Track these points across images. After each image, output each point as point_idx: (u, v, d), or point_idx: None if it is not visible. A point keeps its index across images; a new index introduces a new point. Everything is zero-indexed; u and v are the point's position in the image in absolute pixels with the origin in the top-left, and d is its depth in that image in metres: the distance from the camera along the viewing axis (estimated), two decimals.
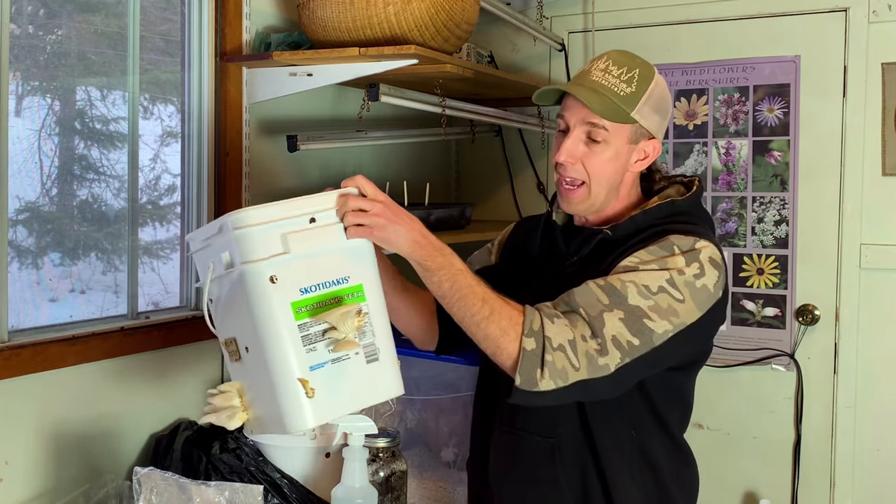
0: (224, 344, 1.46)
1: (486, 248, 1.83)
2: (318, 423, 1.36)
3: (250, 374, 1.40)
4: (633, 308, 1.39)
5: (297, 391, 1.32)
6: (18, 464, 1.62)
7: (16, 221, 1.70)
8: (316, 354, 1.34)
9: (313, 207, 1.37)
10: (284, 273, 1.31)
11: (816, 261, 2.69)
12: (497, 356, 1.40)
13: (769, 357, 2.75)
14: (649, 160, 1.59)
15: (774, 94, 2.74)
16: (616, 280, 1.41)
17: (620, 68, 1.52)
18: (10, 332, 1.63)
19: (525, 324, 1.37)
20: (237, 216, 1.32)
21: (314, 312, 1.34)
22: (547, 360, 1.35)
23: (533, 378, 1.36)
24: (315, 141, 2.20)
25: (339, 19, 1.93)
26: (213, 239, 1.38)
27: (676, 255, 1.45)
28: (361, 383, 1.39)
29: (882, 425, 2.61)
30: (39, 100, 1.77)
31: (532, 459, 1.57)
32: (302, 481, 1.66)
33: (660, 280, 1.41)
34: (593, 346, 1.38)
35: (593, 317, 1.39)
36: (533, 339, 1.36)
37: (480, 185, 3.18)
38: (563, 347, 1.36)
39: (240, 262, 1.32)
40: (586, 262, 1.56)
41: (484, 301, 1.39)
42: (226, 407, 1.41)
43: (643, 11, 2.89)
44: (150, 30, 1.98)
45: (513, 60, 3.09)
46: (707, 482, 1.72)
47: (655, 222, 1.53)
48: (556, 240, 1.65)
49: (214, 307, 1.44)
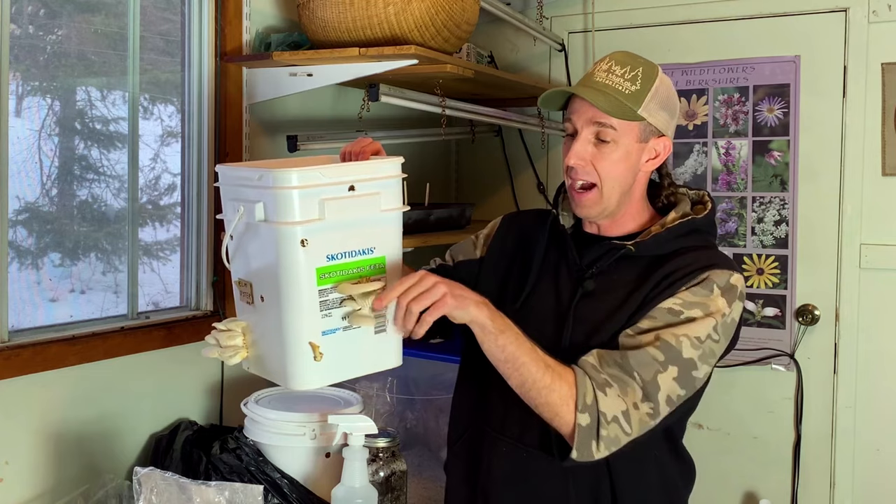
0: (237, 283, 1.48)
1: (469, 241, 1.79)
2: (320, 385, 1.41)
3: (261, 321, 1.43)
4: (685, 361, 1.42)
5: (307, 353, 1.36)
6: (18, 464, 1.62)
7: (16, 221, 1.70)
8: (330, 321, 1.37)
9: (355, 175, 1.38)
10: (315, 238, 1.33)
11: (816, 261, 2.69)
12: (553, 422, 1.41)
13: (769, 357, 2.75)
14: (661, 159, 1.57)
15: (774, 94, 2.74)
16: (670, 336, 1.42)
17: (623, 67, 1.52)
18: (10, 332, 1.63)
19: (578, 397, 1.37)
20: (281, 175, 1.32)
21: (336, 280, 1.37)
22: (602, 434, 1.37)
23: (589, 451, 1.38)
24: (315, 141, 2.20)
25: (339, 19, 1.93)
26: (248, 185, 1.39)
27: (717, 297, 1.46)
28: (366, 352, 1.42)
29: (882, 425, 2.61)
30: (39, 100, 1.77)
31: (541, 476, 1.53)
32: (302, 481, 1.66)
33: (708, 329, 1.44)
34: (646, 411, 1.40)
35: (648, 381, 1.39)
36: (587, 415, 1.37)
37: (480, 185, 3.18)
38: (616, 419, 1.38)
39: (274, 220, 1.33)
40: (607, 275, 1.53)
41: (546, 367, 1.39)
42: (229, 346, 1.45)
43: (643, 11, 2.89)
44: (150, 30, 1.98)
45: (513, 60, 3.09)
46: (707, 482, 1.72)
47: (678, 239, 1.53)
48: (567, 245, 1.60)
49: (234, 244, 1.46)
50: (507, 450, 1.56)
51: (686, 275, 1.47)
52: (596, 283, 1.53)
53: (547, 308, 1.56)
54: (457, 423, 1.71)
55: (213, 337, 1.48)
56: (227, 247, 1.45)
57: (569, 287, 1.56)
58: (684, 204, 1.59)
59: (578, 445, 1.37)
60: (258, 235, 1.38)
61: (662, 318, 1.44)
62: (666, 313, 1.44)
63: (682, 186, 1.66)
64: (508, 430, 1.56)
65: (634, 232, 1.58)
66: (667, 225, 1.54)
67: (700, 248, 1.53)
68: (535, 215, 1.75)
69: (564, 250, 1.61)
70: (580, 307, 1.53)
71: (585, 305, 1.53)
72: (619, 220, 1.58)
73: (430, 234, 2.32)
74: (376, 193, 1.40)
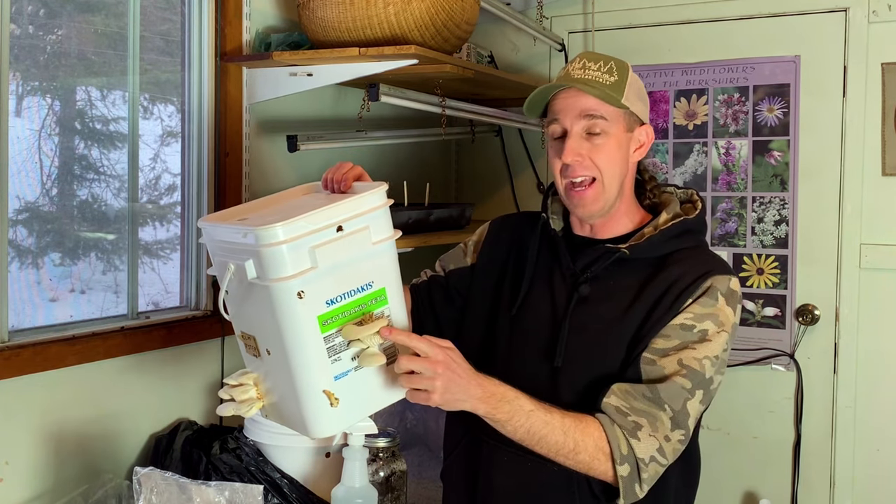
0: (241, 336, 1.44)
1: (459, 249, 1.78)
2: (341, 429, 1.38)
3: (271, 373, 1.39)
4: (707, 381, 1.44)
5: (323, 402, 1.31)
6: (18, 464, 1.62)
7: (16, 221, 1.70)
8: (340, 364, 1.32)
9: (341, 216, 1.32)
10: (311, 287, 1.28)
11: (816, 261, 2.69)
12: (590, 474, 1.43)
13: (769, 357, 2.75)
14: (646, 148, 1.59)
15: (774, 94, 2.74)
16: (693, 361, 1.43)
17: (597, 63, 1.53)
18: (10, 332, 1.63)
19: (613, 449, 1.39)
20: (266, 233, 1.25)
21: (340, 323, 1.31)
22: (643, 477, 1.40)
23: (633, 494, 1.41)
24: (315, 141, 2.20)
25: (339, 19, 1.93)
26: (234, 243, 1.34)
27: (723, 306, 1.47)
28: (382, 385, 1.38)
29: (882, 425, 2.61)
30: (39, 100, 1.77)
31: (545, 485, 1.51)
32: (302, 481, 1.67)
33: (723, 344, 1.46)
34: (678, 439, 1.43)
35: (678, 411, 1.42)
36: (627, 465, 1.39)
37: (480, 185, 3.18)
38: (654, 458, 1.41)
39: (267, 278, 1.27)
40: (602, 280, 1.53)
41: (565, 433, 1.38)
42: (244, 400, 1.41)
43: (643, 11, 2.89)
44: (150, 30, 1.98)
45: (513, 60, 3.09)
46: (707, 482, 1.71)
47: (670, 241, 1.54)
48: (559, 249, 1.59)
49: (230, 299, 1.41)
50: (507, 459, 1.53)
51: (689, 285, 1.47)
52: (591, 288, 1.53)
53: (542, 315, 1.55)
54: (453, 432, 1.69)
55: (227, 393, 1.42)
56: (223, 301, 1.39)
57: (563, 292, 1.55)
58: (674, 204, 1.59)
59: (625, 494, 1.40)
60: (253, 291, 1.32)
61: (676, 335, 1.45)
62: (679, 329, 1.45)
63: (668, 185, 1.67)
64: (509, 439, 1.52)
65: (626, 233, 1.57)
66: (659, 227, 1.54)
67: (693, 251, 1.54)
68: (524, 219, 1.73)
69: (557, 255, 1.59)
70: (577, 313, 1.52)
71: (582, 311, 1.52)
72: (612, 218, 1.57)
73: (431, 234, 2.32)
74: (365, 228, 1.33)
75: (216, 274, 1.42)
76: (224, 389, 1.42)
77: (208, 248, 1.44)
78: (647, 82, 2.90)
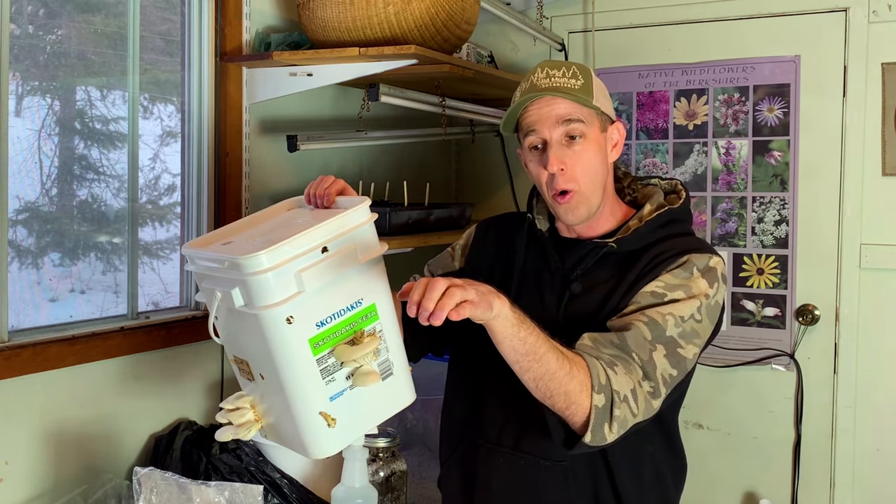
0: (234, 360, 1.43)
1: (446, 253, 1.78)
2: (340, 448, 1.36)
3: (267, 397, 1.37)
4: (668, 339, 1.41)
5: (320, 423, 1.30)
6: (18, 464, 1.62)
7: (16, 221, 1.70)
8: (335, 384, 1.31)
9: (324, 237, 1.29)
10: (300, 311, 1.26)
11: (816, 261, 2.69)
12: (568, 410, 1.34)
13: (769, 357, 2.75)
14: (620, 145, 1.59)
15: (774, 94, 2.74)
16: (657, 314, 1.42)
17: (560, 70, 1.53)
18: (10, 332, 1.63)
19: (593, 377, 1.33)
20: (250, 261, 1.23)
21: (331, 344, 1.30)
22: (615, 414, 1.33)
23: (602, 433, 1.34)
24: (315, 141, 2.20)
25: (339, 19, 1.93)
26: (219, 271, 1.32)
27: (697, 278, 1.46)
28: (379, 400, 1.37)
29: (882, 425, 2.61)
30: (39, 100, 1.77)
31: (540, 483, 1.52)
32: (302, 481, 1.67)
33: (692, 309, 1.44)
34: (647, 390, 1.39)
35: (646, 361, 1.39)
36: (602, 395, 1.33)
37: (480, 185, 3.18)
38: (627, 398, 1.35)
39: (254, 306, 1.25)
40: (591, 275, 1.53)
41: (563, 354, 1.33)
42: (243, 423, 1.40)
43: (643, 11, 2.89)
44: (150, 30, 1.98)
45: (513, 60, 3.09)
46: (707, 482, 1.72)
47: (656, 231, 1.54)
48: (546, 250, 1.60)
49: (221, 325, 1.40)
50: (503, 461, 1.54)
51: (666, 259, 1.48)
52: (583, 285, 1.53)
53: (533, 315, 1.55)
54: (448, 438, 1.69)
55: (224, 417, 1.40)
56: (213, 325, 1.38)
57: (554, 291, 1.55)
58: (658, 195, 1.60)
59: (594, 427, 1.32)
60: (242, 318, 1.31)
61: (645, 300, 1.44)
62: (649, 296, 1.45)
63: (651, 177, 1.67)
64: (504, 439, 1.55)
65: (611, 230, 1.58)
66: (644, 218, 1.55)
67: (679, 236, 1.54)
68: (509, 221, 1.73)
69: (545, 255, 1.60)
70: (569, 310, 1.52)
71: (575, 307, 1.52)
72: (598, 219, 1.58)
73: (430, 234, 2.32)
74: (351, 246, 1.31)
75: (204, 300, 1.40)
76: (221, 414, 1.41)
77: (195, 275, 1.42)
78: (647, 82, 2.90)
